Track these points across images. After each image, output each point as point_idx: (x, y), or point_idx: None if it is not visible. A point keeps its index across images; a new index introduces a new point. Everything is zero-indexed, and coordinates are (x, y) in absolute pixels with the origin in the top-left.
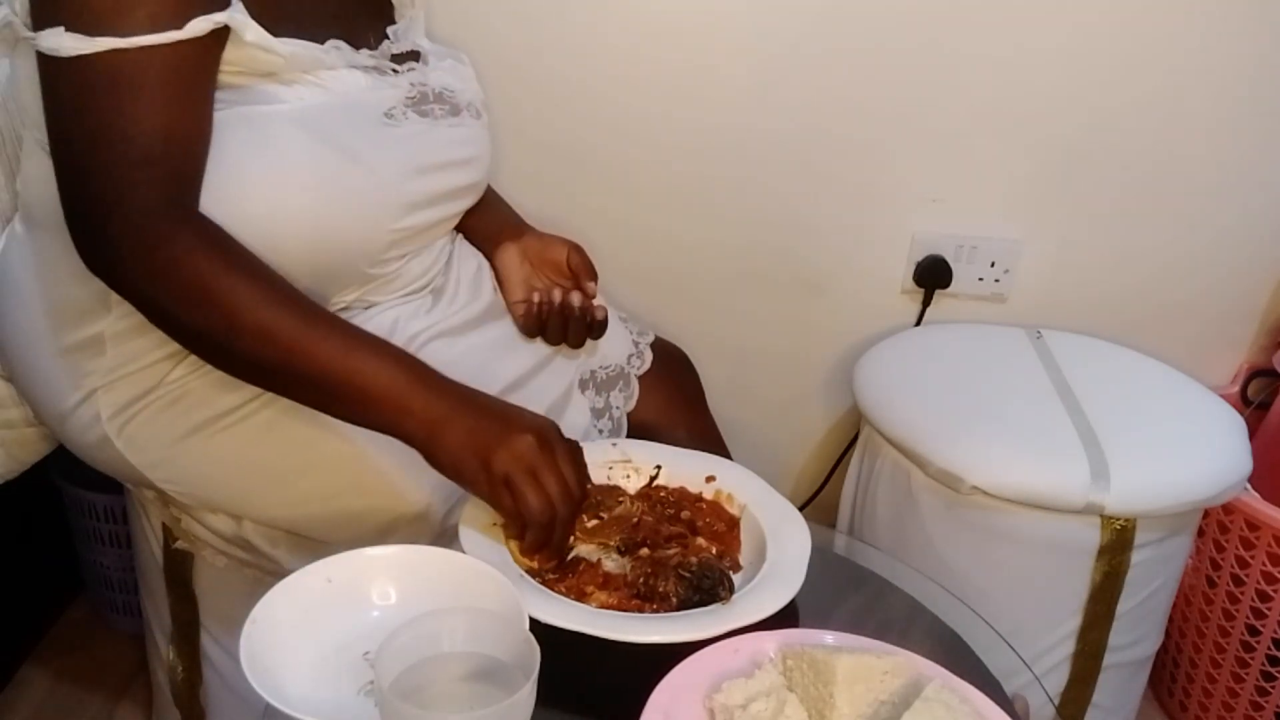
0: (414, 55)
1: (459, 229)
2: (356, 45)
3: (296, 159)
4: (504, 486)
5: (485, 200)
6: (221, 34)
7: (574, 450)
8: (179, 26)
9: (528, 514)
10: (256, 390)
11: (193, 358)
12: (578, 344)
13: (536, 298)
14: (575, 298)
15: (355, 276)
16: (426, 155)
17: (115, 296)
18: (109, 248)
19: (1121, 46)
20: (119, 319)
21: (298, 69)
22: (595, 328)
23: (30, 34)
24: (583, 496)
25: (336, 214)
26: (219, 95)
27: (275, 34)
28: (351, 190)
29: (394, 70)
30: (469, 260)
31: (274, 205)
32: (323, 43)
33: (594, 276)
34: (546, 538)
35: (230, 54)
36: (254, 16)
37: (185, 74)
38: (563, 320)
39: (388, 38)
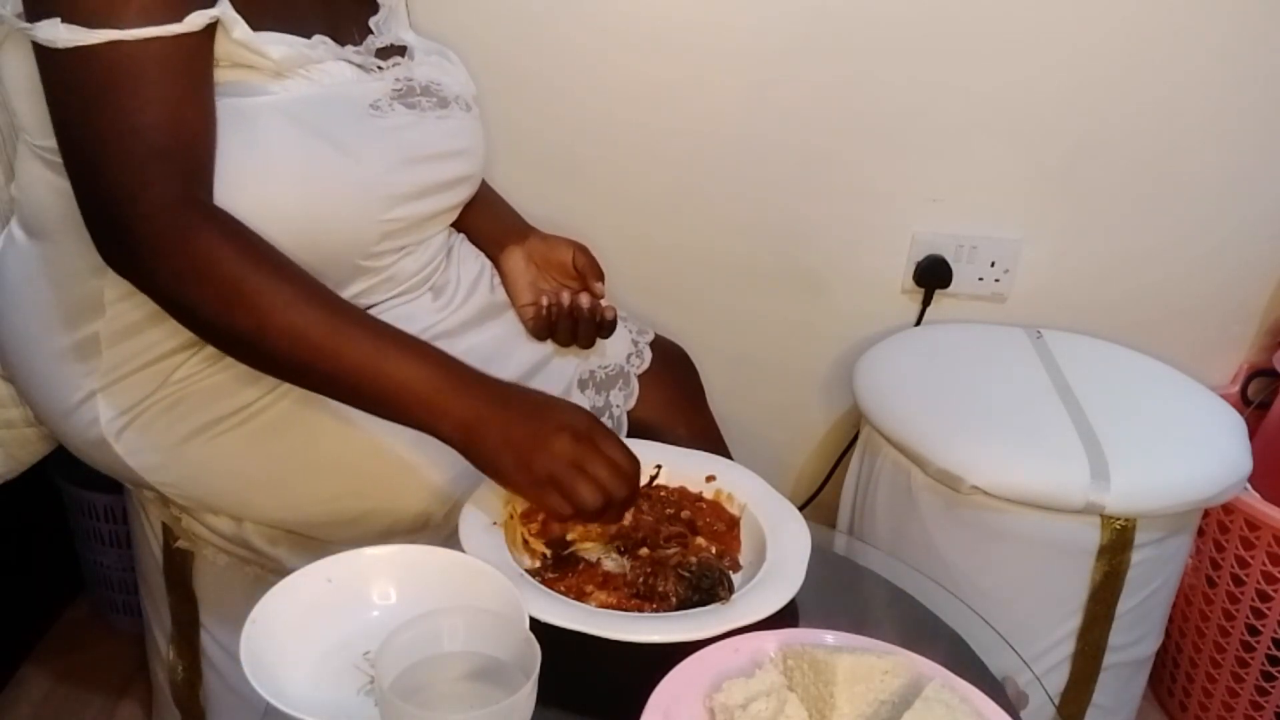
0: (400, 50)
1: (462, 230)
2: (341, 39)
3: (284, 150)
4: (550, 486)
5: (488, 202)
6: (214, 28)
7: (612, 434)
8: (178, 19)
9: (583, 508)
10: (255, 395)
11: (190, 362)
12: (588, 345)
13: (545, 301)
14: (584, 299)
15: (348, 269)
16: (415, 147)
17: (110, 297)
18: (133, 246)
19: (1122, 46)
20: (114, 319)
21: (285, 70)
22: (605, 327)
23: (25, 24)
24: (636, 470)
25: (324, 204)
26: None
27: (260, 27)
28: (339, 180)
29: (379, 66)
30: (471, 262)
31: (262, 197)
32: (308, 36)
33: (601, 276)
34: (607, 518)
35: (217, 48)
36: (239, 10)
37: (186, 67)
38: (572, 322)
39: (371, 31)
